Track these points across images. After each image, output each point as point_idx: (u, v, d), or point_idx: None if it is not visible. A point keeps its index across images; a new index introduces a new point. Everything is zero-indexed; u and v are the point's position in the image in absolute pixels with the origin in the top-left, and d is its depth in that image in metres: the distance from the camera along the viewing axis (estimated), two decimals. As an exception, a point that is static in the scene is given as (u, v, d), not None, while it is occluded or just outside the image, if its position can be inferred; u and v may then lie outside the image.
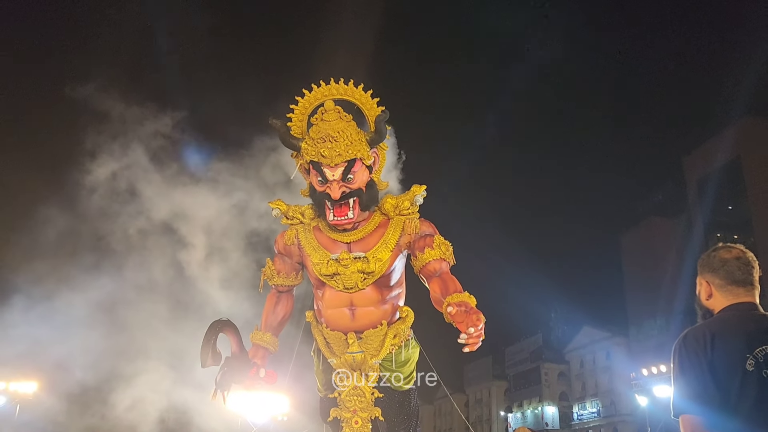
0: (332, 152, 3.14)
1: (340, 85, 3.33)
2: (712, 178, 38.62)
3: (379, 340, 3.33)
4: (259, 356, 3.37)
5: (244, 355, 3.19)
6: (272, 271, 3.52)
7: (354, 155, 3.17)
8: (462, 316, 2.77)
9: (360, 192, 3.25)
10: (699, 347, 1.99)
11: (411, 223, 3.38)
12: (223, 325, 3.13)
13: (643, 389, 23.77)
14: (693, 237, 39.52)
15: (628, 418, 40.03)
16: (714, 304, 2.19)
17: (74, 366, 17.33)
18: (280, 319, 3.57)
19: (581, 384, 47.62)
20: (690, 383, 1.97)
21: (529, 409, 49.91)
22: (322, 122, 3.18)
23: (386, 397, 3.39)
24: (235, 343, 3.19)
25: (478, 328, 2.73)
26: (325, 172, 3.18)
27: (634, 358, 35.84)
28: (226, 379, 3.09)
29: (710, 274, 2.22)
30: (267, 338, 3.45)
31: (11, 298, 15.09)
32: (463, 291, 3.07)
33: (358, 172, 3.22)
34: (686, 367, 1.99)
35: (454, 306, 2.80)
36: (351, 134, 3.17)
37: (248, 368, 3.19)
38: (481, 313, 2.80)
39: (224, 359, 3.11)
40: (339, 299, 3.34)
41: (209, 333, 3.03)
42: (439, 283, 3.21)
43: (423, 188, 3.47)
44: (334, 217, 3.23)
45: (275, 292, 3.60)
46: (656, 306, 40.75)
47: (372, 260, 3.24)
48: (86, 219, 13.05)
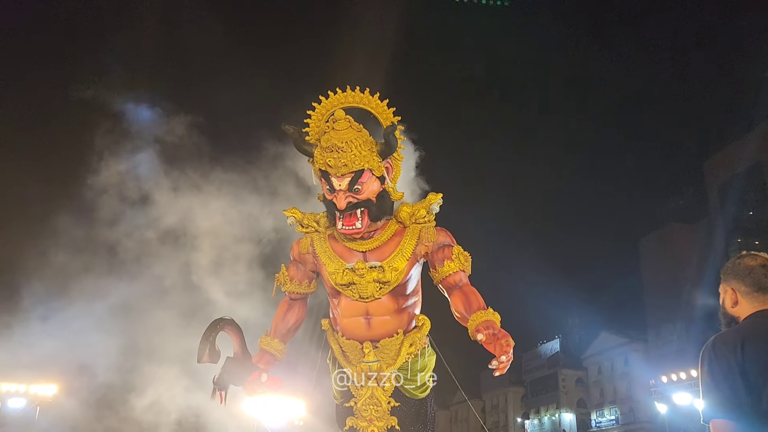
0: (338, 162, 3.11)
1: (356, 93, 3.32)
2: (734, 183, 38.16)
3: (396, 349, 3.31)
4: (264, 361, 3.36)
5: (245, 358, 3.17)
6: (285, 277, 3.52)
7: (361, 166, 3.13)
8: (492, 341, 2.84)
9: (369, 203, 3.21)
10: (729, 352, 1.97)
11: (427, 231, 3.35)
12: (225, 323, 3.11)
13: (663, 396, 23.52)
14: (713, 242, 39.06)
15: (648, 426, 39.56)
16: (740, 312, 2.18)
17: (93, 370, 17.48)
18: (290, 327, 3.55)
19: (599, 390, 47.17)
20: (721, 388, 1.95)
21: (546, 415, 49.53)
22: (332, 131, 3.16)
23: (402, 406, 3.37)
24: (237, 343, 3.17)
25: (509, 354, 2.80)
26: (333, 182, 3.17)
27: (653, 365, 35.43)
28: (224, 379, 3.07)
29: (736, 282, 2.20)
30: (274, 344, 3.44)
31: (31, 304, 15.29)
32: (485, 306, 3.11)
33: (366, 183, 3.17)
34: (716, 372, 1.97)
35: (483, 333, 2.85)
36: (359, 145, 3.13)
37: (249, 371, 3.17)
38: (509, 337, 2.86)
39: (225, 359, 3.10)
40: (355, 308, 3.31)
41: (209, 329, 3.01)
42: (461, 297, 3.20)
43: (439, 196, 3.44)
44: (342, 226, 3.21)
45: (288, 299, 3.59)
46: (675, 312, 40.32)
47: (388, 270, 3.22)
48: (102, 225, 13.19)
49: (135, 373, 14.56)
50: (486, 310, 3.07)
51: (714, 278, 2.38)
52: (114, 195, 12.41)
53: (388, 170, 3.33)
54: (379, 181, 3.26)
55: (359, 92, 3.33)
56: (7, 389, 18.94)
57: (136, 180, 11.72)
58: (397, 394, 3.36)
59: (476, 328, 2.94)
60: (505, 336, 2.87)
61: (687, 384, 21.39)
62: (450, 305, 3.28)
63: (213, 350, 2.97)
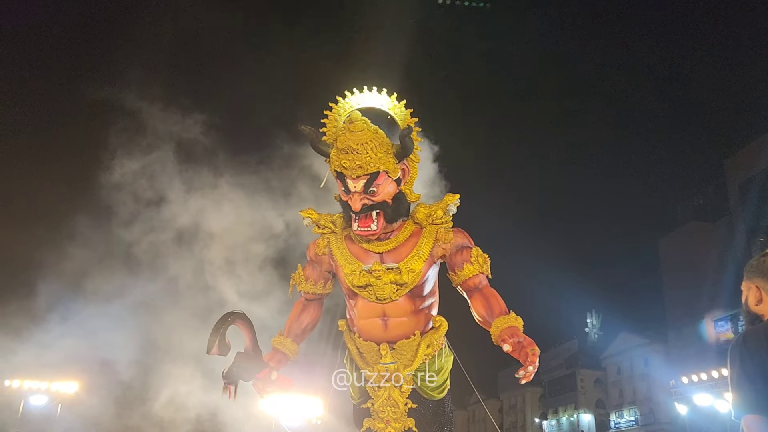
0: (353, 164, 3.09)
1: (374, 93, 3.30)
2: (755, 182, 37.64)
3: (413, 351, 3.30)
4: (275, 360, 3.35)
5: (256, 354, 3.15)
6: (301, 277, 3.51)
7: (376, 168, 3.11)
8: (517, 349, 2.86)
9: (384, 205, 3.19)
10: (761, 348, 1.96)
11: (444, 232, 3.33)
12: (236, 317, 3.08)
13: (683, 397, 23.27)
14: (734, 242, 38.59)
15: (668, 427, 39.18)
16: (764, 309, 2.16)
17: (113, 367, 17.65)
18: (304, 327, 3.54)
19: (618, 391, 46.81)
20: (754, 384, 1.93)
21: (564, 416, 49.23)
22: (348, 133, 3.14)
23: (420, 407, 3.35)
24: (249, 339, 3.14)
25: (535, 363, 2.82)
26: (348, 184, 3.16)
27: (673, 366, 35.10)
28: (232, 373, 3.05)
29: (761, 279, 2.18)
30: (287, 344, 3.43)
31: (52, 303, 15.49)
32: (507, 310, 3.12)
33: (381, 185, 3.15)
34: (749, 367, 1.95)
35: (508, 342, 2.86)
36: (375, 147, 3.11)
37: (259, 368, 3.15)
38: (534, 344, 2.88)
39: (236, 354, 3.08)
40: (371, 310, 3.30)
41: (220, 322, 2.98)
42: (482, 301, 3.20)
43: (456, 197, 3.41)
44: (358, 227, 3.19)
45: (303, 299, 3.58)
46: (696, 312, 39.88)
47: (405, 271, 3.20)
48: (120, 225, 13.33)
49: (154, 370, 14.70)
50: (508, 315, 3.07)
51: (735, 278, 2.35)
52: (130, 194, 12.53)
53: (405, 172, 3.30)
54: (396, 182, 3.24)
55: (377, 92, 3.30)
56: (29, 386, 19.22)
57: (152, 179, 11.81)
58: (414, 395, 3.35)
59: (501, 336, 2.94)
60: (531, 344, 2.88)
61: (708, 385, 21.14)
62: (470, 307, 3.27)
63: (223, 343, 2.94)
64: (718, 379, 20.40)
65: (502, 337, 2.93)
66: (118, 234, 13.45)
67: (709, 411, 21.84)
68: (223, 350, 2.95)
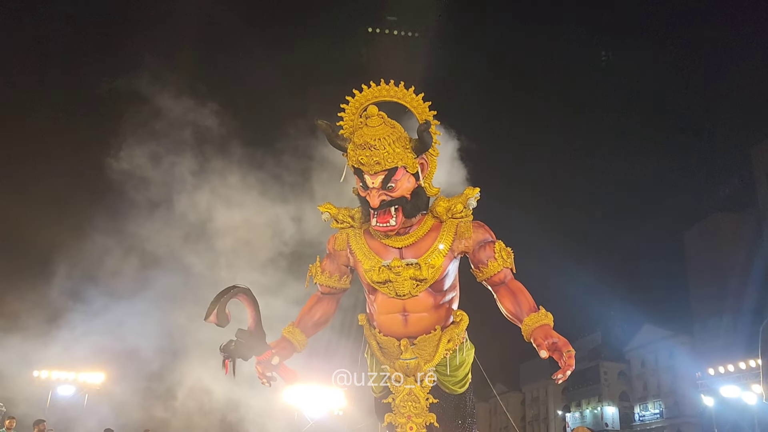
0: (370, 160, 3.04)
1: (390, 86, 3.25)
2: (783, 171, 36.96)
3: (433, 346, 3.27)
4: (281, 347, 3.30)
5: (258, 333, 3.08)
6: (318, 268, 3.47)
7: (394, 164, 3.06)
8: (552, 350, 2.88)
9: (403, 200, 3.14)
10: None
11: (465, 226, 3.28)
12: (239, 290, 3.01)
13: (710, 389, 22.92)
14: (762, 233, 37.95)
15: (693, 420, 38.78)
16: None
17: (139, 359, 17.88)
18: (315, 320, 3.50)
19: (642, 384, 46.41)
20: None
21: (588, 408, 48.94)
22: (366, 128, 3.09)
23: (441, 402, 3.33)
24: (252, 317, 3.08)
25: (572, 366, 2.83)
26: (366, 179, 3.11)
27: (699, 358, 34.66)
28: (230, 348, 2.98)
29: None
30: (296, 334, 3.39)
31: (78, 295, 15.73)
32: (536, 306, 3.10)
33: (400, 180, 3.09)
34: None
35: (545, 348, 2.87)
36: (393, 142, 3.05)
37: (260, 348, 3.08)
38: (569, 344, 2.89)
39: (237, 330, 3.02)
40: (391, 305, 3.27)
41: (222, 292, 2.93)
42: (510, 296, 3.18)
43: (476, 191, 3.35)
44: (377, 223, 3.16)
45: (318, 292, 3.55)
46: (722, 304, 39.33)
47: (424, 267, 3.16)
48: (143, 217, 13.48)
49: (179, 361, 14.88)
50: (538, 312, 3.05)
51: (763, 269, 2.25)
52: (151, 188, 12.67)
53: (423, 166, 3.24)
54: (414, 177, 3.18)
55: (393, 86, 3.25)
56: (57, 377, 19.56)
57: (173, 174, 11.94)
58: (435, 390, 3.32)
59: (534, 338, 2.93)
60: (566, 344, 2.87)
61: (735, 376, 20.80)
62: (497, 302, 3.24)
63: (222, 313, 2.88)
64: (745, 370, 20.07)
65: (536, 339, 2.92)
66: (141, 227, 13.62)
67: (736, 403, 21.51)
68: (221, 320, 2.88)
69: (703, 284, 43.12)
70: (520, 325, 3.08)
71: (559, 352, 2.84)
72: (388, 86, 3.25)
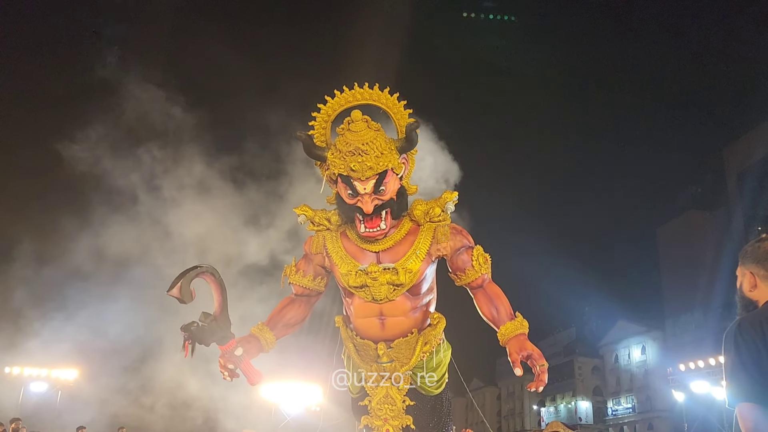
0: (363, 166, 2.97)
1: (365, 90, 3.17)
2: (753, 171, 37.63)
3: (410, 349, 3.25)
4: (247, 343, 3.13)
5: (223, 320, 2.95)
6: (292, 268, 3.39)
7: (385, 167, 3.01)
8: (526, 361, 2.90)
9: (392, 202, 3.10)
10: (757, 335, 1.94)
11: (443, 231, 3.23)
12: (206, 269, 2.88)
13: (680, 385, 23.33)
14: (732, 230, 38.64)
15: (664, 414, 39.45)
16: (758, 296, 2.13)
17: (113, 355, 17.69)
18: (285, 321, 3.36)
19: (616, 379, 47.07)
20: (749, 371, 1.91)
21: (562, 403, 49.53)
22: (350, 133, 3.01)
23: (418, 404, 3.31)
24: (218, 301, 2.95)
25: (544, 382, 2.86)
26: (356, 186, 3.03)
27: (670, 353, 35.30)
28: (191, 329, 2.86)
29: (755, 265, 2.15)
30: (265, 332, 3.24)
31: (52, 292, 15.52)
32: (513, 312, 3.11)
33: (389, 182, 3.06)
34: (744, 355, 1.93)
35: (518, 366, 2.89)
36: (380, 145, 3.00)
37: (222, 336, 2.94)
38: (542, 358, 2.89)
39: (201, 313, 2.90)
40: (368, 309, 3.23)
41: (188, 269, 2.82)
42: (487, 302, 3.19)
43: (454, 195, 3.31)
44: (366, 229, 3.10)
45: (292, 294, 3.45)
46: (693, 300, 40.03)
47: (402, 272, 3.11)
48: (119, 213, 13.37)
49: (154, 358, 14.77)
50: (514, 321, 3.05)
51: (732, 267, 2.33)
52: (124, 187, 12.60)
53: (405, 165, 3.21)
54: (398, 178, 3.15)
55: (368, 88, 3.17)
56: (29, 373, 19.26)
57: (147, 174, 11.93)
58: (412, 392, 3.31)
59: (510, 354, 2.94)
60: (539, 357, 2.87)
61: (705, 372, 21.19)
62: (475, 305, 3.25)
63: (186, 289, 2.76)
64: (715, 366, 20.46)
65: (510, 354, 2.93)
66: (113, 223, 13.51)
67: (706, 398, 21.93)
68: (185, 295, 2.76)
69: (676, 281, 43.83)
70: (497, 329, 3.09)
71: (533, 366, 2.87)
72: (362, 90, 3.17)
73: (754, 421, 1.88)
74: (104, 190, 13.77)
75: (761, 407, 1.87)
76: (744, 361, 1.93)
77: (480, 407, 55.06)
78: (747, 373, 1.91)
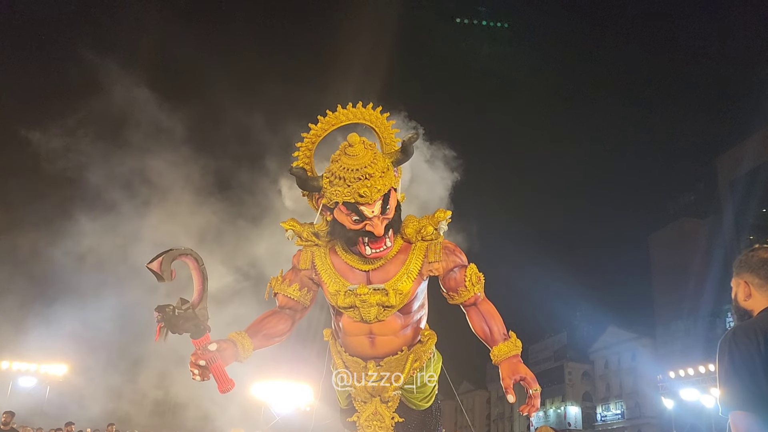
0: (371, 190, 2.87)
1: (348, 110, 3.08)
2: (745, 180, 37.84)
3: (400, 366, 3.20)
4: (223, 345, 2.83)
5: (200, 310, 2.74)
6: (278, 279, 3.26)
7: (389, 186, 2.94)
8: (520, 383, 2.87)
9: (394, 219, 3.03)
10: (751, 344, 1.94)
11: (435, 250, 3.15)
12: (188, 251, 2.71)
13: (670, 392, 23.43)
14: (724, 239, 38.83)
15: (653, 421, 39.54)
16: (753, 305, 2.14)
17: (102, 351, 17.62)
18: (266, 332, 3.11)
19: (605, 385, 47.15)
20: (742, 379, 1.92)
21: (551, 408, 49.57)
22: (348, 158, 2.90)
23: (406, 421, 3.27)
24: (198, 290, 2.76)
25: (537, 407, 2.83)
26: (363, 211, 2.91)
27: (660, 360, 35.37)
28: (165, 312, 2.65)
29: (749, 275, 2.16)
30: (243, 338, 2.96)
31: (40, 288, 15.45)
32: (506, 332, 3.05)
33: (391, 200, 2.98)
34: (738, 363, 1.94)
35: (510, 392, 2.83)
36: (382, 164, 2.93)
37: (196, 326, 2.71)
38: (535, 382, 2.86)
39: (179, 299, 2.70)
40: (357, 328, 3.16)
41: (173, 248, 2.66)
42: (480, 321, 3.13)
43: (448, 214, 3.23)
44: (372, 250, 3.00)
45: (276, 307, 3.28)
46: (684, 308, 40.17)
47: (392, 293, 3.03)
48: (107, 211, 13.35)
49: (142, 355, 14.72)
50: (507, 342, 2.99)
51: (723, 275, 2.32)
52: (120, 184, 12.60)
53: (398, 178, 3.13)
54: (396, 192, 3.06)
55: (351, 108, 3.08)
56: (17, 368, 19.18)
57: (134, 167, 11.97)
58: (401, 408, 3.26)
59: (503, 379, 2.90)
60: (532, 382, 2.84)
61: (695, 380, 21.28)
62: (468, 322, 3.20)
63: (167, 265, 2.59)
64: (704, 374, 20.56)
65: (503, 379, 2.89)
66: (103, 220, 13.49)
67: (695, 406, 22.02)
68: (165, 272, 2.59)
69: (667, 288, 43.96)
70: (490, 348, 3.05)
71: (527, 390, 2.84)
72: (345, 110, 3.07)
73: (747, 430, 1.89)
74: (90, 186, 13.76)
75: (754, 415, 1.88)
76: (738, 369, 1.93)
77: (469, 411, 55.09)
78: (741, 381, 1.92)
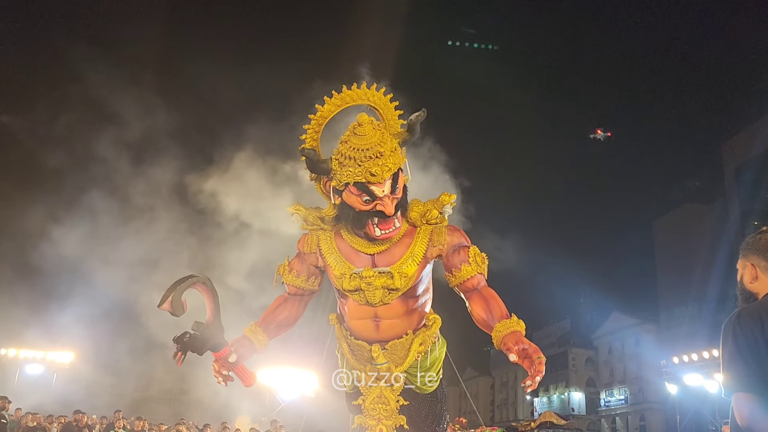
0: (383, 168, 2.89)
1: (353, 91, 3.11)
2: (751, 165, 37.72)
3: (405, 350, 3.22)
4: (240, 346, 3.08)
5: (216, 328, 2.90)
6: (286, 268, 3.31)
7: (398, 165, 2.96)
8: (522, 356, 2.75)
9: (402, 200, 3.04)
10: (756, 327, 1.94)
11: (439, 232, 3.16)
12: (197, 279, 2.84)
13: (673, 377, 23.47)
14: (729, 224, 38.76)
15: (657, 406, 39.71)
16: (759, 288, 2.13)
17: (108, 339, 17.74)
18: (278, 322, 3.29)
19: (609, 370, 47.32)
20: (746, 361, 1.92)
21: (555, 393, 49.81)
22: (358, 137, 2.92)
23: (411, 404, 3.29)
24: (210, 310, 2.91)
25: (542, 373, 2.71)
26: (374, 190, 2.92)
27: (664, 346, 35.40)
28: (184, 340, 2.83)
29: (756, 257, 2.15)
30: (258, 333, 3.18)
31: (48, 276, 15.54)
32: (508, 313, 2.99)
33: (400, 179, 2.99)
34: (742, 345, 1.94)
35: (514, 352, 2.73)
36: (390, 143, 2.95)
37: (215, 344, 2.90)
38: (539, 351, 2.75)
39: (194, 323, 2.85)
40: (363, 311, 3.18)
41: (179, 280, 2.78)
42: (482, 303, 3.07)
43: (453, 197, 3.23)
44: (381, 231, 3.00)
45: (285, 293, 3.38)
46: (688, 293, 40.20)
47: (397, 276, 3.05)
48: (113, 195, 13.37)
49: (148, 343, 14.82)
50: (510, 319, 2.93)
51: (728, 260, 2.32)
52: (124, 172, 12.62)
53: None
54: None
55: (355, 89, 3.11)
56: (25, 356, 19.29)
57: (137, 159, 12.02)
58: (406, 392, 3.28)
59: (504, 343, 2.81)
60: (536, 351, 2.75)
61: (698, 365, 21.31)
62: (468, 309, 3.16)
63: (178, 301, 2.73)
64: (708, 359, 20.57)
65: (506, 344, 2.80)
66: (109, 205, 13.54)
67: (698, 391, 22.07)
68: (176, 308, 2.73)
69: (671, 273, 43.98)
70: (491, 333, 2.98)
71: (530, 359, 2.74)
72: (350, 91, 3.10)
73: (750, 411, 1.89)
74: (97, 175, 13.80)
75: (757, 397, 1.88)
76: (742, 352, 1.94)
77: (473, 397, 55.33)
78: (744, 363, 1.92)
